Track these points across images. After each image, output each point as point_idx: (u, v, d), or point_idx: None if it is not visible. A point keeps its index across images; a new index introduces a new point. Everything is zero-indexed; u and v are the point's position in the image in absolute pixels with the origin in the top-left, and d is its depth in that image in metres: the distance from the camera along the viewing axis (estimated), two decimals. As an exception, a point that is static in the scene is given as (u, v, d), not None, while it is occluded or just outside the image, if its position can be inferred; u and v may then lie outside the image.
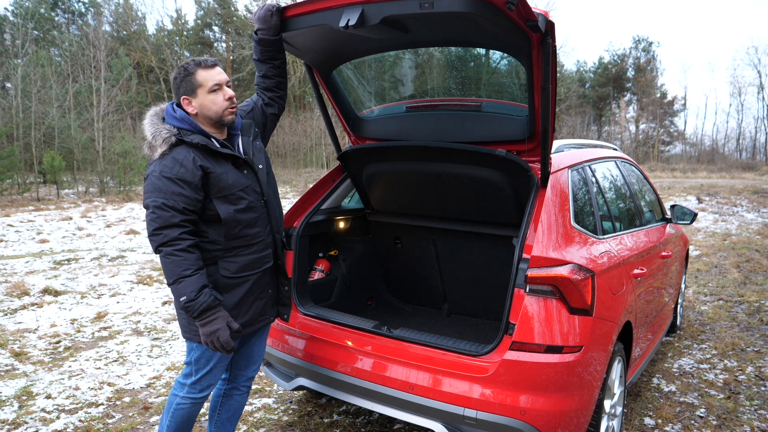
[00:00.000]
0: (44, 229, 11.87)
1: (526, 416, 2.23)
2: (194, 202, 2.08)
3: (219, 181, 2.13)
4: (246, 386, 2.59)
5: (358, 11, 2.14)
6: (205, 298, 2.04)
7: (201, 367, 2.29)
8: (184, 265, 2.02)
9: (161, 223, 2.03)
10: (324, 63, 2.92)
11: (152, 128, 2.13)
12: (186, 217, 2.06)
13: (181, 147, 2.11)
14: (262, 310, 2.36)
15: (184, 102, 2.18)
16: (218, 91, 2.18)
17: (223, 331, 2.07)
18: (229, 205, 2.16)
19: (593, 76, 50.70)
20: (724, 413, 3.42)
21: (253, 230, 2.25)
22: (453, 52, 2.98)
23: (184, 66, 2.18)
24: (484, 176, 2.93)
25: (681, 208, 4.28)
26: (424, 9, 2.01)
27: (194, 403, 2.34)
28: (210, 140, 2.17)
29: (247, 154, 2.30)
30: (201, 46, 41.67)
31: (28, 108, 21.62)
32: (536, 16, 2.02)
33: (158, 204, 2.03)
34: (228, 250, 2.20)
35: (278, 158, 32.58)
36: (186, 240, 2.05)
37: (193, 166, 2.07)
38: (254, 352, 2.53)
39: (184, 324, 2.25)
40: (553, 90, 2.27)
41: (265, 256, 2.31)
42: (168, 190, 2.04)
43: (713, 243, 9.69)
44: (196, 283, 2.03)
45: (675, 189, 20.40)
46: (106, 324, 5.21)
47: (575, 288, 2.30)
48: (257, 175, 2.30)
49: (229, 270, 2.20)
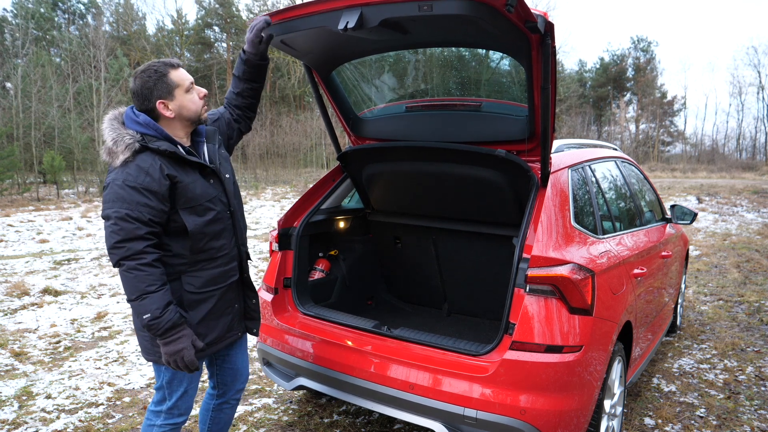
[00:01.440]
0: (44, 229, 11.87)
1: (526, 416, 2.23)
2: (160, 213, 1.96)
3: (186, 192, 2.01)
4: (236, 399, 2.50)
5: (356, 14, 2.13)
6: (171, 315, 1.92)
7: (174, 389, 2.16)
8: (149, 281, 1.90)
9: (124, 235, 1.90)
10: (323, 64, 2.92)
11: (113, 133, 1.98)
12: (151, 230, 1.94)
13: (146, 154, 1.97)
14: (230, 326, 2.24)
15: (160, 106, 2.03)
16: (192, 89, 2.10)
17: (188, 350, 1.96)
18: (196, 217, 2.04)
19: (593, 76, 50.73)
20: (724, 413, 3.42)
21: (219, 242, 2.13)
22: (453, 52, 2.99)
23: (153, 68, 2.03)
24: (484, 176, 2.94)
25: (681, 208, 4.28)
26: (422, 11, 2.01)
27: (175, 429, 2.22)
28: (177, 147, 2.04)
29: (214, 162, 2.19)
30: (201, 46, 41.65)
31: (28, 108, 21.62)
32: (535, 18, 2.02)
33: (121, 215, 1.90)
34: (192, 264, 2.08)
35: (278, 158, 32.55)
36: (150, 254, 1.92)
37: (160, 175, 1.94)
38: (239, 366, 2.44)
39: (146, 346, 2.10)
40: (552, 90, 2.27)
41: (230, 270, 2.20)
42: (132, 200, 1.90)
43: (713, 243, 9.69)
44: (161, 300, 1.90)
45: (675, 189, 20.40)
46: (106, 324, 5.21)
47: (575, 288, 2.30)
48: (224, 185, 2.19)
49: (193, 285, 2.08)
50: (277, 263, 3.10)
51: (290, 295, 3.09)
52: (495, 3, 1.92)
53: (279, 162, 32.36)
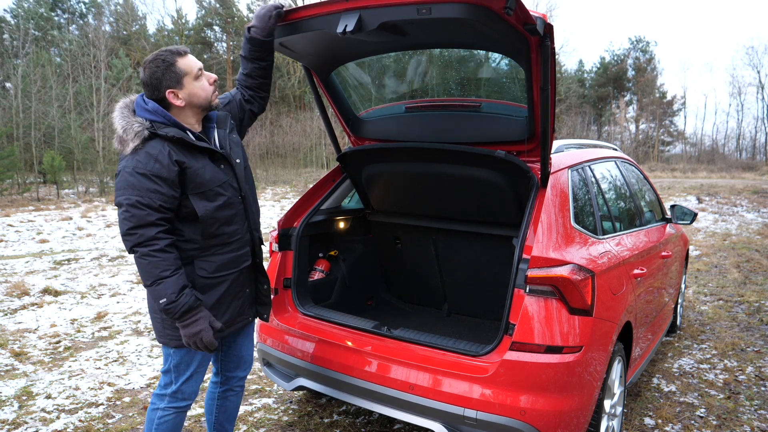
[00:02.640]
0: (44, 229, 11.87)
1: (526, 416, 2.23)
2: (171, 199, 1.98)
3: (196, 177, 2.03)
4: (240, 386, 2.53)
5: (355, 17, 2.12)
6: (187, 299, 1.96)
7: (181, 373, 2.19)
8: (163, 266, 1.93)
9: (136, 222, 1.93)
10: (322, 65, 2.92)
11: (123, 121, 2.01)
12: (162, 216, 1.96)
13: (155, 141, 1.99)
14: (240, 310, 2.27)
15: (170, 96, 2.05)
16: (202, 76, 2.10)
17: (206, 332, 2.00)
18: (206, 202, 2.06)
19: (593, 76, 50.73)
20: (724, 413, 3.42)
21: (231, 228, 2.15)
22: (452, 53, 2.99)
23: (161, 58, 2.03)
24: (484, 177, 2.94)
25: (681, 208, 4.28)
26: (421, 15, 2.00)
27: (178, 413, 2.23)
28: (186, 133, 2.05)
29: (224, 147, 2.20)
30: (201, 46, 41.65)
31: (28, 108, 21.62)
32: (534, 20, 2.01)
33: (132, 202, 1.93)
34: (205, 249, 2.10)
35: (278, 158, 32.55)
36: (163, 239, 1.95)
37: (168, 161, 1.96)
38: (243, 353, 2.46)
39: (158, 328, 2.15)
40: (552, 91, 2.27)
41: (242, 255, 2.22)
42: (143, 187, 1.93)
43: (713, 243, 9.69)
44: (176, 284, 1.94)
45: (675, 189, 20.40)
46: (106, 324, 5.21)
47: (575, 288, 2.30)
48: (235, 170, 2.19)
49: (206, 270, 2.11)
50: (277, 264, 3.10)
51: (290, 296, 3.10)
52: (494, 6, 1.92)
53: (279, 162, 32.36)
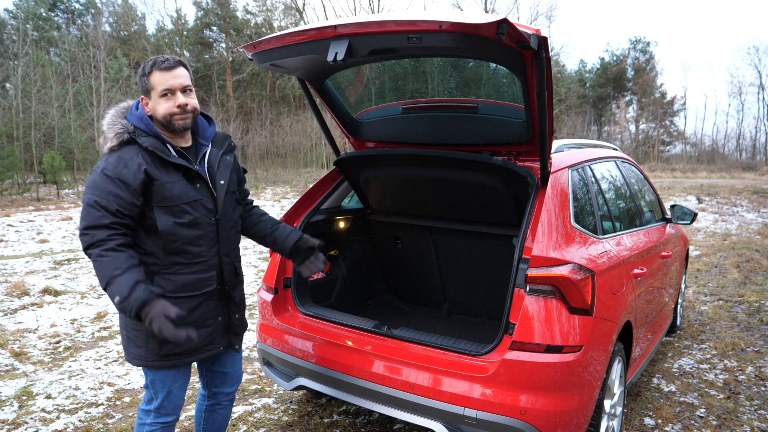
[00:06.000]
0: (44, 229, 11.87)
1: (526, 416, 2.23)
2: (129, 206, 1.94)
3: (163, 190, 1.99)
4: (228, 400, 2.46)
5: (345, 44, 2.11)
6: (139, 293, 1.85)
7: (158, 390, 2.15)
8: (113, 265, 1.87)
9: (90, 222, 1.90)
10: (315, 76, 2.89)
11: (109, 121, 2.06)
12: (117, 220, 1.92)
13: (132, 146, 2.00)
14: (211, 338, 2.18)
15: (142, 101, 2.10)
16: (169, 96, 2.04)
17: (165, 327, 1.87)
18: (169, 217, 2.01)
19: (593, 77, 50.72)
20: (724, 413, 3.42)
21: (196, 248, 2.08)
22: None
23: (144, 65, 2.07)
24: (483, 181, 2.94)
25: (681, 208, 4.28)
26: (412, 44, 2.00)
27: (165, 427, 2.20)
28: (165, 147, 2.03)
29: (212, 166, 2.16)
30: (201, 46, 41.63)
31: (28, 108, 21.61)
32: (528, 37, 1.99)
33: (91, 202, 1.91)
34: (166, 266, 2.05)
35: (278, 158, 32.56)
36: (115, 239, 1.91)
37: (137, 168, 1.94)
38: (228, 370, 2.38)
39: (124, 346, 2.10)
40: (549, 95, 2.26)
41: (206, 279, 2.12)
42: (105, 188, 1.92)
43: (713, 243, 9.69)
44: (127, 281, 1.86)
45: (675, 189, 20.40)
46: (106, 324, 5.20)
47: (575, 288, 2.30)
48: (213, 191, 2.13)
49: (164, 288, 2.03)
50: (277, 263, 3.10)
51: (290, 295, 3.09)
52: (486, 33, 1.90)
53: (279, 162, 32.38)
